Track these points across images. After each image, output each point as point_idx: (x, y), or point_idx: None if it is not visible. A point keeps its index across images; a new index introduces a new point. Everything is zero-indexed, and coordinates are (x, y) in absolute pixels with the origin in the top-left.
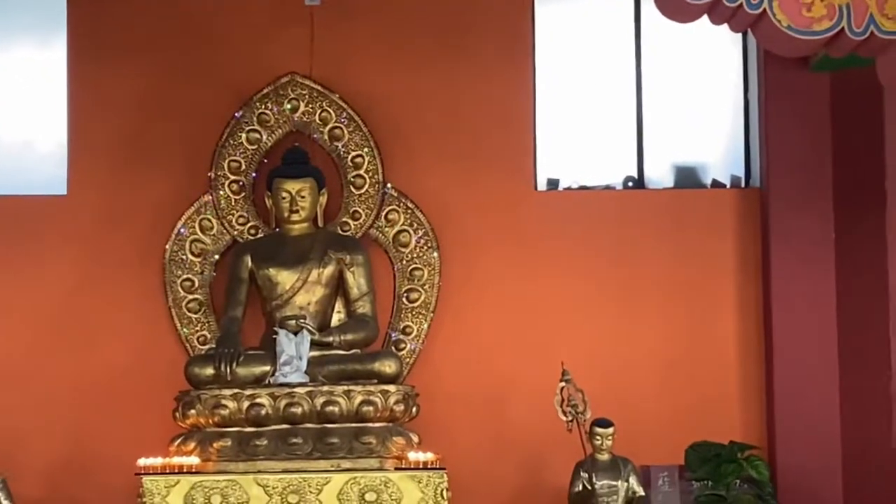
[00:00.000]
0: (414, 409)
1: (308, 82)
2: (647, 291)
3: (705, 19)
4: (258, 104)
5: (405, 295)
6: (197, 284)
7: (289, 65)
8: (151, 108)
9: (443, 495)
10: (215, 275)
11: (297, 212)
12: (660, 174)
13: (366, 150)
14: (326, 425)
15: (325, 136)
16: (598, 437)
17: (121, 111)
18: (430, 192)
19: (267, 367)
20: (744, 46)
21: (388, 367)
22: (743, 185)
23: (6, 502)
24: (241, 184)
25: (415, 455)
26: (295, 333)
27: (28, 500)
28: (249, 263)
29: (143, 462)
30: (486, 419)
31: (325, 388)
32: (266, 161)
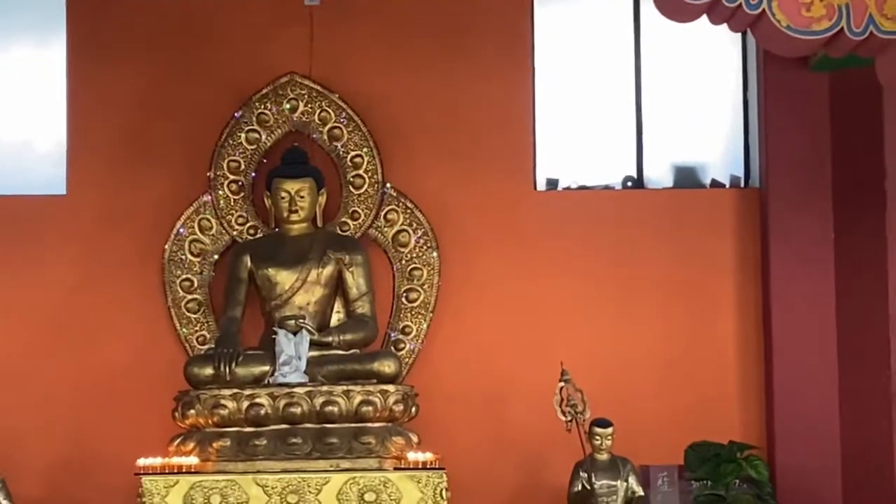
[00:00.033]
0: (413, 409)
1: (307, 82)
2: (646, 291)
3: (704, 19)
4: (257, 104)
5: (404, 295)
6: (196, 284)
7: (288, 65)
8: (151, 107)
9: (442, 495)
10: (214, 275)
11: (296, 212)
12: (659, 174)
13: (365, 150)
14: (326, 425)
15: (325, 136)
16: (597, 437)
17: (120, 111)
18: (429, 191)
19: (266, 367)
20: (743, 46)
21: (387, 367)
22: (742, 185)
23: (5, 502)
24: (240, 184)
25: (414, 455)
26: (294, 333)
27: (28, 500)
28: (249, 263)
29: (142, 462)
30: (485, 419)
31: (325, 388)
32: (265, 161)
